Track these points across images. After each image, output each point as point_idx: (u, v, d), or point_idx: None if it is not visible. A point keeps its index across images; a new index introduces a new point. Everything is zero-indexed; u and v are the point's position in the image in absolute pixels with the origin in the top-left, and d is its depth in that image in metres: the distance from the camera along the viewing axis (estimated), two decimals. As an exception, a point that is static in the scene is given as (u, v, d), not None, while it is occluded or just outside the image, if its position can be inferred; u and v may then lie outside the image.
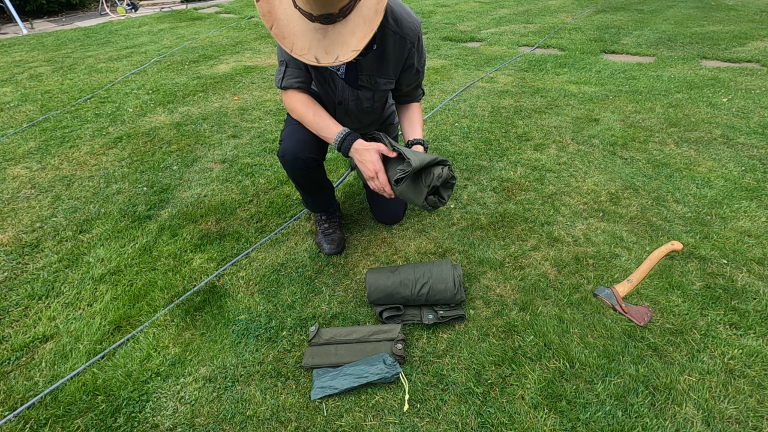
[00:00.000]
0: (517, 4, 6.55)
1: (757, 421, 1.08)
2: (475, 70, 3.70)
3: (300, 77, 1.40)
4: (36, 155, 2.50)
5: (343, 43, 1.11)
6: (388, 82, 1.44)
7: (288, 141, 1.46)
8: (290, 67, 1.39)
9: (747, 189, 1.96)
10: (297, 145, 1.44)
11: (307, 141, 1.44)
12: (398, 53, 1.37)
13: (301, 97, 1.42)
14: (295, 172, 1.50)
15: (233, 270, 1.62)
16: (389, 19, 1.30)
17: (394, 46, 1.35)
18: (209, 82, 3.62)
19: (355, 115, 1.55)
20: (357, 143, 1.34)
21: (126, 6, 7.28)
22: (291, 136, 1.46)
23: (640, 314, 1.36)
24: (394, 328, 1.30)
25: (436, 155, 1.31)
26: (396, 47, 1.35)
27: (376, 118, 1.65)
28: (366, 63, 1.37)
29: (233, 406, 1.15)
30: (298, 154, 1.44)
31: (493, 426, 1.09)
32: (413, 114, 1.57)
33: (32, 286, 1.57)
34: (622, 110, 2.81)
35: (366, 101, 1.49)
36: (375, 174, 1.32)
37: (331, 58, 1.12)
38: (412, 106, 1.60)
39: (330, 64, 1.13)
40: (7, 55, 4.72)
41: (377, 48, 1.33)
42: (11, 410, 1.15)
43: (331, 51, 1.12)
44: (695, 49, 4.01)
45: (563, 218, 1.83)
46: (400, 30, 1.32)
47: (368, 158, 1.32)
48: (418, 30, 1.36)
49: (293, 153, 1.44)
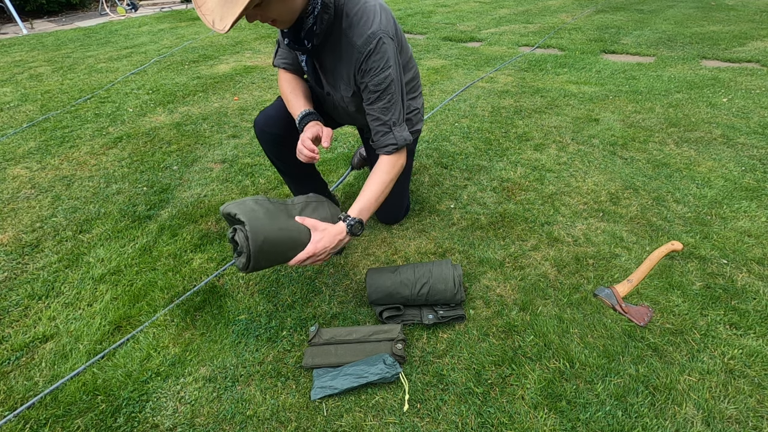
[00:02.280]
0: (517, 4, 6.55)
1: (757, 421, 1.08)
2: (475, 70, 3.70)
3: (287, 59, 1.45)
4: (36, 155, 2.50)
5: (231, 10, 0.97)
6: (347, 88, 1.32)
7: (260, 116, 1.51)
8: (281, 47, 1.43)
9: (747, 189, 1.96)
10: (264, 119, 1.50)
11: (275, 117, 1.48)
12: (347, 60, 1.23)
13: (286, 76, 1.47)
14: (265, 147, 1.55)
15: (233, 270, 1.62)
16: (344, 13, 1.18)
17: (345, 50, 1.21)
18: (209, 82, 3.62)
19: (342, 112, 1.50)
20: (309, 125, 1.32)
21: (126, 6, 7.28)
22: (263, 112, 1.52)
23: (640, 314, 1.36)
24: (394, 328, 1.30)
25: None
26: (346, 52, 1.21)
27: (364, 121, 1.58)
28: (324, 59, 1.30)
29: (233, 406, 1.15)
30: (264, 128, 1.49)
31: (493, 426, 1.09)
32: (371, 176, 1.30)
33: (32, 286, 1.57)
34: (622, 110, 2.81)
35: (342, 101, 1.39)
36: (301, 145, 1.27)
37: (221, 25, 0.98)
38: (378, 162, 1.32)
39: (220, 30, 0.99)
40: (7, 55, 4.72)
41: (332, 45, 1.22)
42: (11, 410, 1.15)
43: (225, 17, 0.98)
44: (695, 49, 4.01)
45: (563, 218, 1.83)
46: (350, 33, 1.18)
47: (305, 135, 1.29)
48: (370, 41, 1.16)
49: (260, 126, 1.50)
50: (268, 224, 1.14)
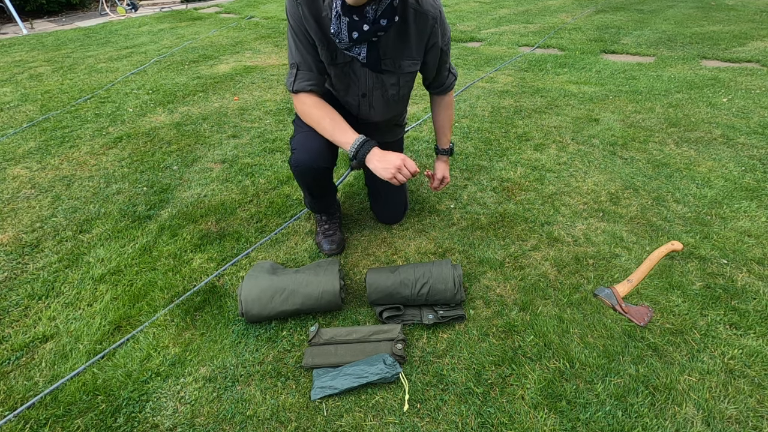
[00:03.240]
0: (517, 4, 6.55)
1: (757, 421, 1.08)
2: (475, 70, 3.70)
3: (312, 79, 1.35)
4: (36, 155, 2.50)
5: None
6: (412, 63, 1.38)
7: (301, 151, 1.41)
8: (302, 69, 1.34)
9: (747, 189, 1.96)
10: (311, 154, 1.41)
11: (321, 150, 1.40)
12: (420, 31, 1.32)
13: (314, 100, 1.36)
14: (307, 180, 1.49)
15: (233, 270, 1.62)
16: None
17: (415, 23, 1.30)
18: (209, 82, 3.62)
19: (380, 107, 1.49)
20: (375, 150, 1.31)
21: (126, 6, 7.28)
22: (304, 146, 1.41)
23: (640, 314, 1.36)
24: (394, 328, 1.30)
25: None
26: (418, 24, 1.30)
27: (401, 110, 1.60)
28: (388, 44, 1.32)
29: (233, 406, 1.15)
30: (313, 164, 1.41)
31: (493, 426, 1.09)
32: (441, 114, 1.61)
33: (32, 286, 1.57)
34: (622, 110, 2.81)
35: (391, 88, 1.43)
36: (402, 163, 1.28)
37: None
38: (441, 102, 1.60)
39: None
40: (7, 55, 4.72)
41: (399, 26, 1.28)
42: (11, 410, 1.15)
43: None
44: (695, 49, 4.01)
45: (563, 218, 1.83)
46: (420, 6, 1.28)
47: (391, 157, 1.29)
48: (438, 4, 1.32)
49: (307, 164, 1.41)
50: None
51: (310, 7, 1.24)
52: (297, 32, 1.29)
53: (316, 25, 1.27)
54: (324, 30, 1.27)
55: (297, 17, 1.26)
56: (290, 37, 1.33)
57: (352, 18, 1.20)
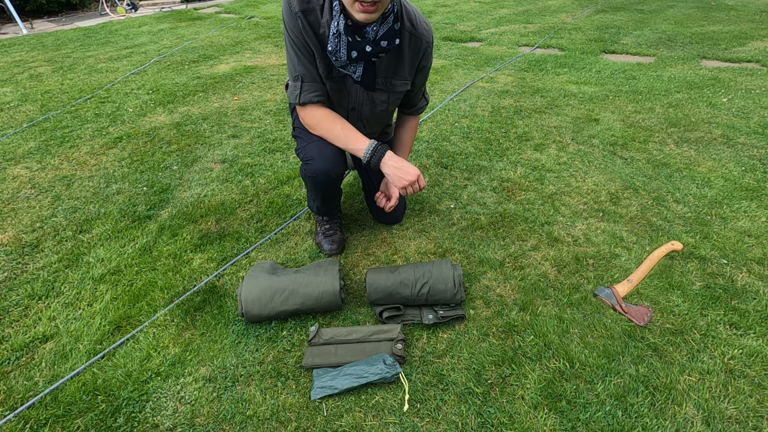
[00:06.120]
0: (517, 4, 6.55)
1: (757, 421, 1.08)
2: (475, 70, 3.70)
3: (318, 90, 1.36)
4: (36, 155, 2.50)
5: None
6: (404, 83, 1.44)
7: (319, 161, 1.43)
8: (306, 81, 1.35)
9: (747, 189, 1.96)
10: (328, 164, 1.43)
11: (336, 158, 1.44)
12: (414, 54, 1.38)
13: (323, 111, 1.39)
14: (322, 189, 1.51)
15: (233, 270, 1.62)
16: (405, 19, 1.31)
17: (410, 47, 1.36)
18: (209, 82, 3.62)
19: (367, 120, 1.53)
20: (390, 155, 1.36)
21: (126, 6, 7.28)
22: (320, 155, 1.43)
23: (640, 314, 1.36)
24: (394, 328, 1.30)
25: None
26: (412, 48, 1.37)
27: (388, 122, 1.64)
28: (383, 64, 1.37)
29: (233, 406, 1.15)
30: (331, 173, 1.44)
31: (493, 426, 1.09)
32: (406, 132, 1.64)
33: (32, 286, 1.57)
34: (622, 110, 2.81)
35: (381, 104, 1.48)
36: (416, 177, 1.35)
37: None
38: (409, 122, 1.63)
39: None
40: (7, 55, 4.72)
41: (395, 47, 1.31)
42: (11, 410, 1.15)
43: None
44: (695, 49, 4.01)
45: (563, 218, 1.83)
46: (416, 31, 1.34)
47: (409, 168, 1.35)
48: (431, 31, 1.40)
49: (326, 173, 1.44)
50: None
51: (310, 21, 1.26)
52: (298, 44, 1.30)
53: (315, 39, 1.28)
54: (322, 45, 1.29)
55: (297, 30, 1.27)
56: (290, 49, 1.33)
57: (354, 38, 1.22)
